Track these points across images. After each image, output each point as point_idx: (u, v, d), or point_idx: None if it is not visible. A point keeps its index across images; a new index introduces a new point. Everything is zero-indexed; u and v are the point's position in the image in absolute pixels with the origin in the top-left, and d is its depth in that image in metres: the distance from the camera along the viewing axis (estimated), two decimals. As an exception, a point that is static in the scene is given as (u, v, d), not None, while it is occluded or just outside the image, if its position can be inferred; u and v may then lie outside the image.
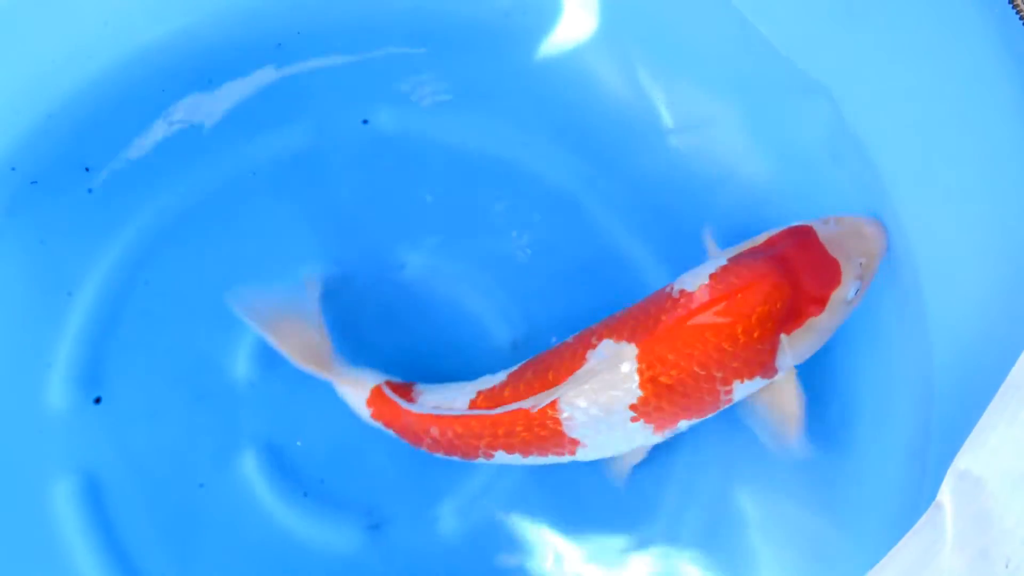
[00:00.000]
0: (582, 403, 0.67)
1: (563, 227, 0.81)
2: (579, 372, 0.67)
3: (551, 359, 0.70)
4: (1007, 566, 0.55)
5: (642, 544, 0.74)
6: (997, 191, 0.72)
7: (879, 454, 0.75)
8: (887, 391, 0.76)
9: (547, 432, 0.68)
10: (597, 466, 0.73)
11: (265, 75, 0.84)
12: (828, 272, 0.69)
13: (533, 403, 0.67)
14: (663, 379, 0.66)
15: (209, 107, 0.84)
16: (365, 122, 0.84)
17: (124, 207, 0.81)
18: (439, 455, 0.72)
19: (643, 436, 0.69)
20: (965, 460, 0.58)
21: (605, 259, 0.80)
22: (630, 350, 0.67)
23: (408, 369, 0.77)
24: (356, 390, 0.73)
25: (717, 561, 0.74)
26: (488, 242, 0.81)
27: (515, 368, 0.71)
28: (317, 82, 0.84)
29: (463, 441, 0.70)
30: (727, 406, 0.70)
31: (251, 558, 0.74)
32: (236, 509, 0.75)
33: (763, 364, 0.68)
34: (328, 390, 0.77)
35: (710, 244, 0.75)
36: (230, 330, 0.78)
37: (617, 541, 0.74)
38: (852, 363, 0.77)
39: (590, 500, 0.75)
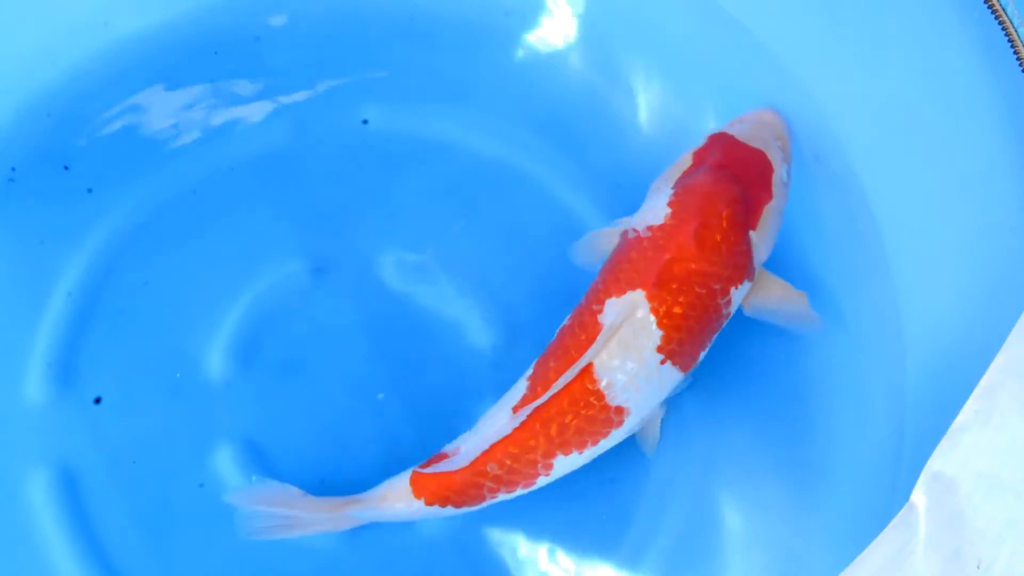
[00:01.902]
0: (616, 362, 0.68)
1: (547, 226, 0.82)
2: (601, 334, 0.68)
3: (566, 340, 0.70)
4: (979, 567, 0.55)
5: (620, 544, 0.74)
6: (973, 196, 0.73)
7: (854, 455, 0.75)
8: (862, 393, 0.76)
9: (594, 410, 0.68)
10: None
11: (244, 70, 0.84)
12: (760, 162, 0.73)
13: (570, 374, 0.67)
14: (676, 310, 0.68)
15: (187, 102, 0.84)
16: (365, 122, 0.84)
17: (101, 203, 0.81)
18: (501, 494, 0.70)
19: (671, 379, 0.70)
20: (939, 461, 0.58)
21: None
22: (638, 296, 0.68)
23: (386, 371, 0.77)
24: (396, 494, 0.70)
25: (694, 562, 0.74)
26: (470, 241, 0.81)
27: (532, 369, 0.71)
28: (298, 78, 0.84)
29: (522, 461, 0.69)
30: (727, 321, 0.72)
31: (228, 554, 0.74)
32: (213, 503, 0.74)
33: (746, 266, 0.71)
34: (305, 387, 0.77)
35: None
36: (208, 326, 0.78)
37: (596, 541, 0.74)
38: (828, 365, 0.77)
39: (570, 500, 0.75)
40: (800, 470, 0.75)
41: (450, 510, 0.70)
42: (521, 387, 0.70)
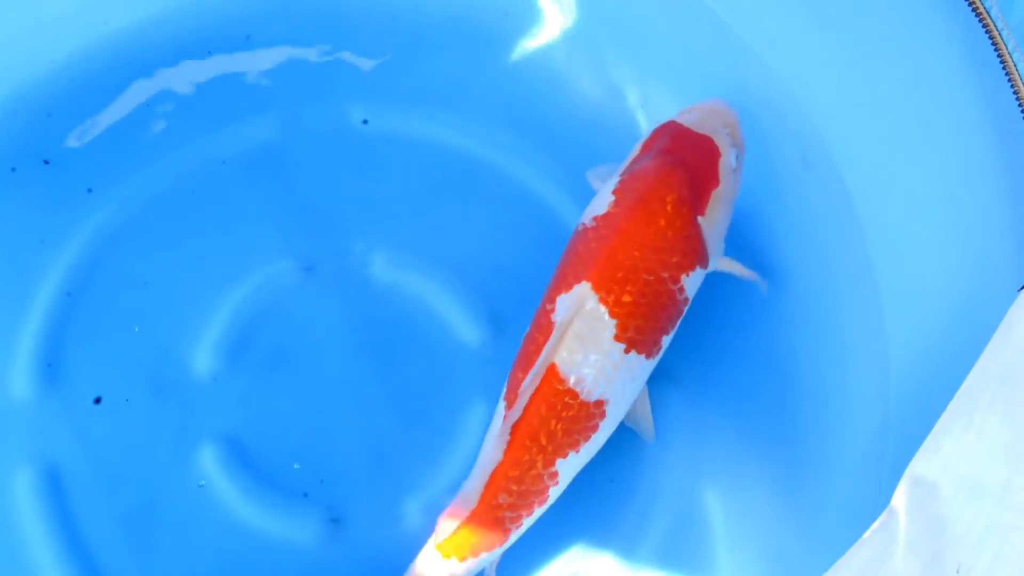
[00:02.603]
0: (578, 357, 0.67)
1: (534, 226, 0.82)
2: (553, 332, 0.67)
3: (528, 347, 0.70)
4: (958, 571, 0.55)
5: (608, 542, 0.74)
6: (957, 199, 0.73)
7: (838, 456, 0.75)
8: (846, 394, 0.76)
9: (573, 409, 0.68)
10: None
11: (234, 66, 0.84)
12: (707, 148, 0.72)
13: (532, 379, 0.66)
14: (626, 299, 0.68)
15: (176, 98, 0.84)
16: (365, 122, 0.83)
17: (89, 199, 0.81)
18: (523, 521, 0.69)
19: (639, 366, 0.70)
20: (920, 466, 0.58)
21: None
22: (584, 288, 0.68)
23: (373, 366, 0.77)
24: (430, 565, 0.69)
25: (681, 561, 0.74)
26: (456, 239, 0.81)
27: (505, 387, 0.71)
28: (287, 75, 0.84)
29: (526, 480, 0.67)
30: (687, 307, 0.72)
31: (211, 550, 0.74)
32: (196, 502, 0.74)
33: (696, 251, 0.70)
34: (292, 384, 0.77)
35: (594, 180, 0.77)
36: (193, 323, 0.78)
37: (583, 540, 0.75)
38: (813, 366, 0.77)
39: (557, 501, 0.75)
40: (785, 471, 0.76)
41: (487, 556, 0.69)
42: (500, 409, 0.70)
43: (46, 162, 0.81)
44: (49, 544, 0.73)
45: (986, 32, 0.69)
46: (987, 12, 0.70)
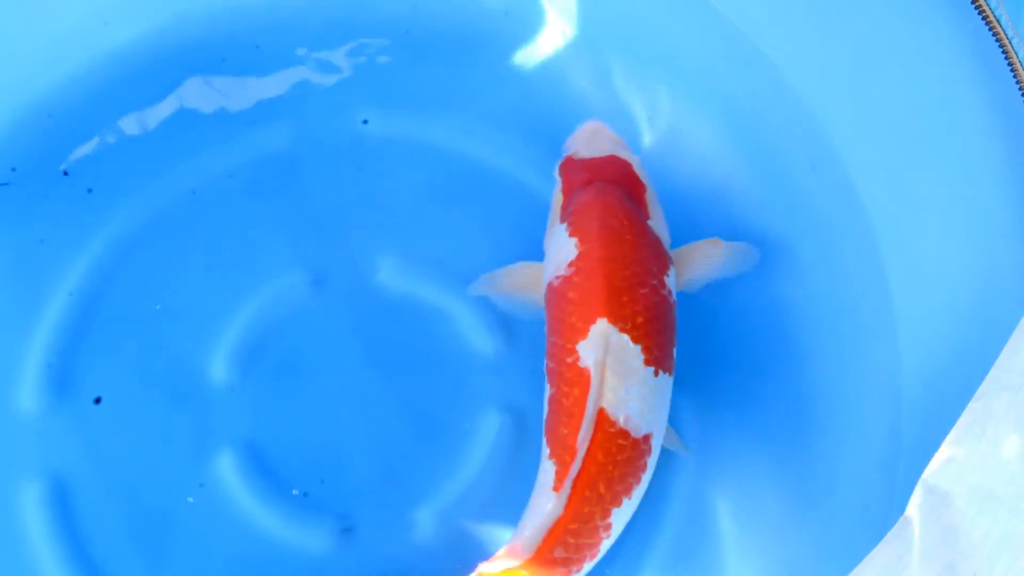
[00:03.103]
0: (621, 393, 0.67)
1: (542, 231, 0.81)
2: (591, 373, 0.67)
3: (564, 405, 0.69)
4: (973, 581, 0.55)
5: (617, 550, 0.74)
6: (969, 203, 0.73)
7: (850, 464, 0.75)
8: (858, 401, 0.76)
9: (628, 450, 0.67)
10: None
11: (244, 76, 0.84)
12: (615, 162, 0.75)
13: (588, 427, 0.66)
14: (639, 320, 0.68)
15: (184, 109, 0.84)
16: (365, 122, 0.84)
17: (101, 206, 0.81)
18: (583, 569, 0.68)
19: (666, 386, 0.70)
20: (933, 475, 0.58)
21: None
22: (602, 325, 0.68)
23: (384, 375, 0.77)
24: None
25: (692, 568, 0.74)
26: (465, 246, 0.81)
27: (547, 448, 0.69)
28: (295, 84, 0.84)
29: (583, 533, 0.66)
30: (685, 289, 0.74)
31: (223, 561, 0.74)
32: (208, 512, 0.75)
33: (663, 253, 0.73)
34: (303, 395, 0.77)
35: (477, 289, 0.78)
36: (207, 332, 0.78)
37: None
38: (824, 373, 0.77)
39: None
40: (796, 478, 0.75)
41: None
42: (549, 467, 0.69)
43: (66, 173, 0.82)
44: (59, 557, 0.73)
45: (994, 36, 0.69)
46: (995, 17, 0.69)
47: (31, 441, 0.76)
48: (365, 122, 0.84)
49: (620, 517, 0.68)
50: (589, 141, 0.77)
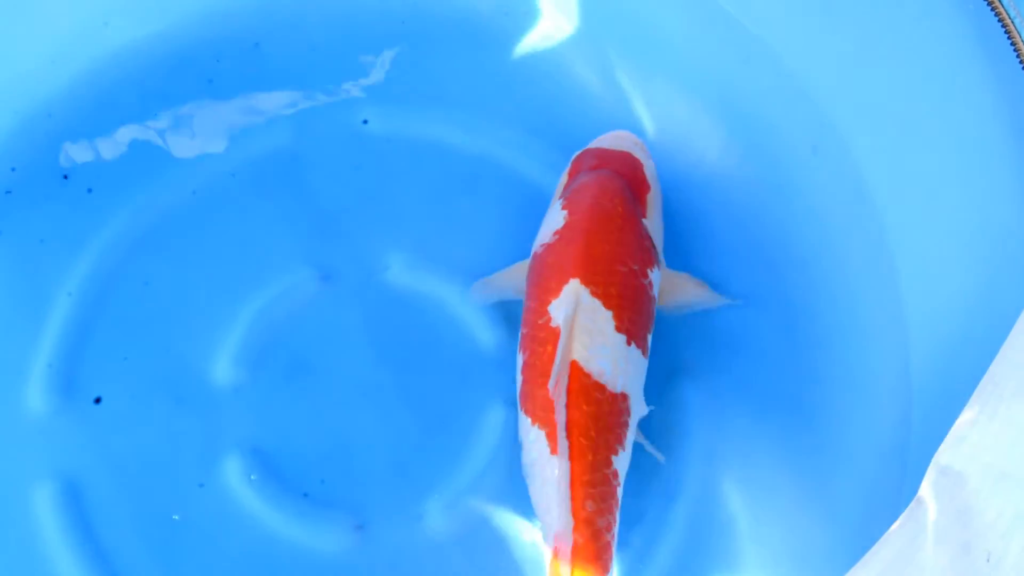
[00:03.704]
0: (592, 350, 0.68)
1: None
2: (562, 329, 0.68)
3: (538, 365, 0.70)
4: (988, 560, 0.55)
5: (629, 541, 0.74)
6: (974, 183, 0.73)
7: (860, 446, 0.75)
8: (867, 384, 0.76)
9: (604, 402, 0.68)
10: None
11: (244, 76, 0.84)
12: (629, 160, 0.78)
13: (557, 373, 0.67)
14: (612, 290, 0.70)
15: (186, 109, 0.84)
16: (365, 122, 0.83)
17: (103, 211, 0.81)
18: (613, 530, 0.67)
19: (641, 362, 0.71)
20: (946, 455, 0.58)
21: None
22: (574, 284, 0.69)
23: (392, 372, 0.77)
24: None
25: (707, 555, 0.74)
26: (469, 241, 0.81)
27: (529, 418, 0.69)
28: (295, 82, 0.84)
29: (597, 479, 0.67)
30: (657, 306, 0.74)
31: (236, 562, 0.74)
32: (221, 513, 0.74)
33: (650, 250, 0.74)
34: (311, 393, 0.77)
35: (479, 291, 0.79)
36: (213, 334, 0.78)
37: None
38: (832, 358, 0.77)
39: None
40: (806, 462, 0.76)
41: (613, 570, 0.67)
42: (538, 436, 0.68)
43: (66, 177, 0.82)
44: (72, 559, 0.73)
45: (995, 14, 0.69)
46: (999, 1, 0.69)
47: (40, 443, 0.76)
48: (365, 122, 0.84)
49: (621, 464, 0.69)
50: (610, 140, 0.80)
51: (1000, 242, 0.71)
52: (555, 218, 0.74)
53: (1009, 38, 0.69)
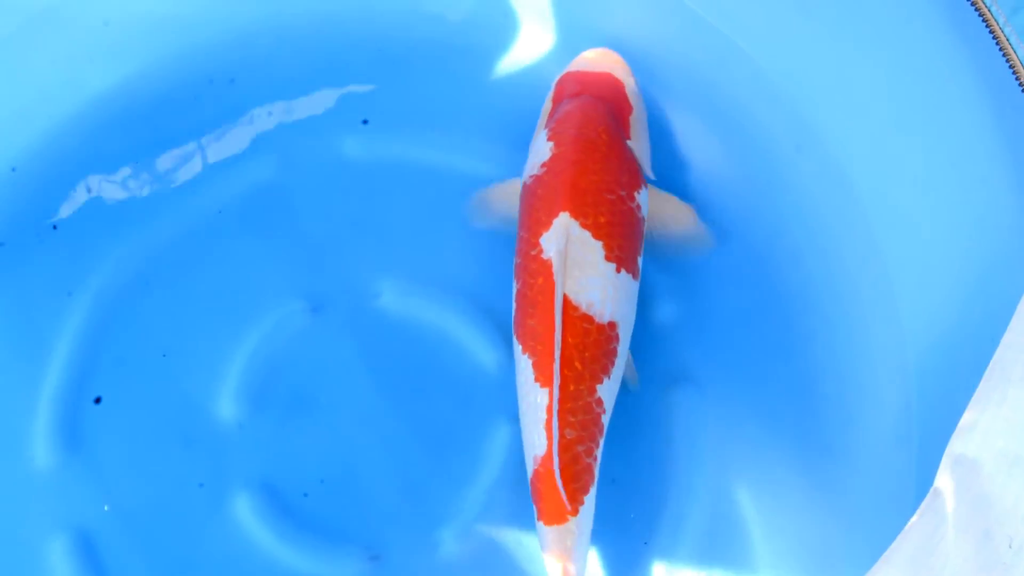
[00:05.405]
0: (582, 282, 0.70)
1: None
2: (554, 263, 0.70)
3: (529, 296, 0.71)
4: (1011, 546, 0.55)
5: (644, 550, 0.74)
6: (960, 175, 0.74)
7: (864, 442, 0.75)
8: (865, 380, 0.76)
9: (593, 333, 0.70)
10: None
11: (223, 112, 0.84)
12: (610, 81, 0.80)
13: (557, 312, 0.68)
14: (601, 219, 0.72)
15: (165, 150, 0.83)
16: (365, 122, 0.83)
17: (92, 256, 0.80)
18: (595, 453, 0.69)
19: (630, 286, 0.73)
20: (959, 444, 0.58)
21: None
22: (564, 218, 0.71)
23: (393, 399, 0.77)
24: (558, 540, 0.69)
25: (721, 557, 0.74)
26: (461, 261, 0.81)
27: (520, 344, 0.71)
28: (276, 115, 0.84)
29: (579, 407, 0.69)
30: (647, 229, 0.76)
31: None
32: (233, 552, 0.74)
33: (636, 171, 0.76)
34: (315, 426, 0.76)
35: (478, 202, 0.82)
36: (212, 372, 0.78)
37: (618, 548, 0.74)
38: (831, 353, 0.78)
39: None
40: (814, 459, 0.76)
41: (591, 497, 0.69)
42: (526, 362, 0.71)
43: (55, 227, 0.81)
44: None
45: (977, 12, 0.69)
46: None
47: (50, 496, 0.75)
48: (365, 122, 0.84)
49: (607, 392, 0.70)
50: (589, 61, 0.81)
51: (989, 228, 0.71)
52: (542, 150, 0.76)
53: (985, 23, 0.70)
